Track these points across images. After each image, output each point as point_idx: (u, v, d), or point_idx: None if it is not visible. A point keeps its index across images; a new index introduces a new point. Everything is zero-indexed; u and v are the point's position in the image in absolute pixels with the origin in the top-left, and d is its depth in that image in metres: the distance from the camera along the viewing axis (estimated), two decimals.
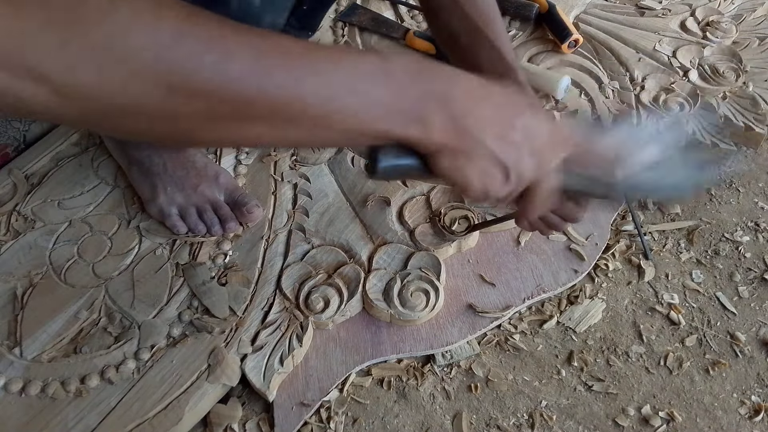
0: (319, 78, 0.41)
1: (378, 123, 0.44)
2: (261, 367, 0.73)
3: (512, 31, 1.16)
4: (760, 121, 0.98)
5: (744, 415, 0.72)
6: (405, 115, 0.44)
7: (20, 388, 0.71)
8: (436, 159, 0.48)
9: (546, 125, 0.49)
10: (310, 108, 0.42)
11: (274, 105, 0.41)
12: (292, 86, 0.40)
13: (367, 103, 0.43)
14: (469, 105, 0.46)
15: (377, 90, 0.43)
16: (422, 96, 0.44)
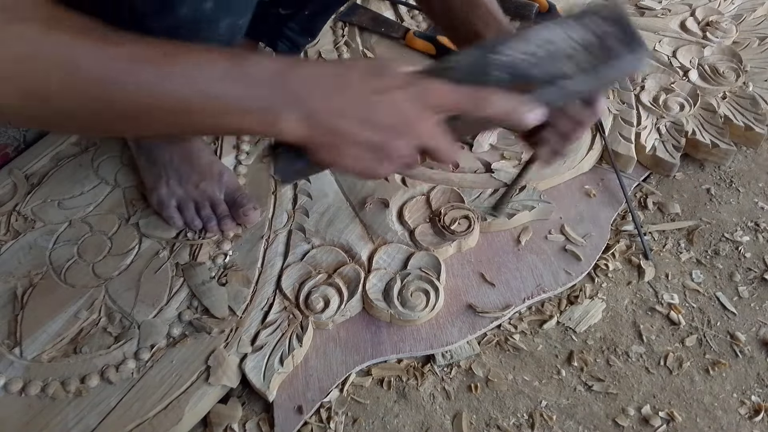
0: (175, 80, 0.45)
1: (236, 122, 0.48)
2: (261, 367, 0.73)
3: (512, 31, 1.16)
4: (760, 121, 0.98)
5: (744, 415, 0.72)
6: (260, 115, 0.47)
7: (20, 388, 0.71)
8: (311, 153, 0.51)
9: (408, 100, 0.49)
10: (169, 108, 0.46)
11: (131, 106, 0.45)
12: (148, 89, 0.45)
13: (221, 104, 0.46)
14: (324, 101, 0.48)
15: (232, 91, 0.46)
16: (277, 97, 0.47)
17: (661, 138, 0.96)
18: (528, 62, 0.53)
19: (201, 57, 0.47)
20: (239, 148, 0.95)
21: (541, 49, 0.53)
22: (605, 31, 0.53)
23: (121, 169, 0.93)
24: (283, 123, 0.48)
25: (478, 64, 0.53)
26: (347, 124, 0.49)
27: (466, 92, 0.51)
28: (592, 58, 0.53)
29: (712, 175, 0.96)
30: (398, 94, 0.49)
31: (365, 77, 0.50)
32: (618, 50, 0.52)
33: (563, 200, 0.91)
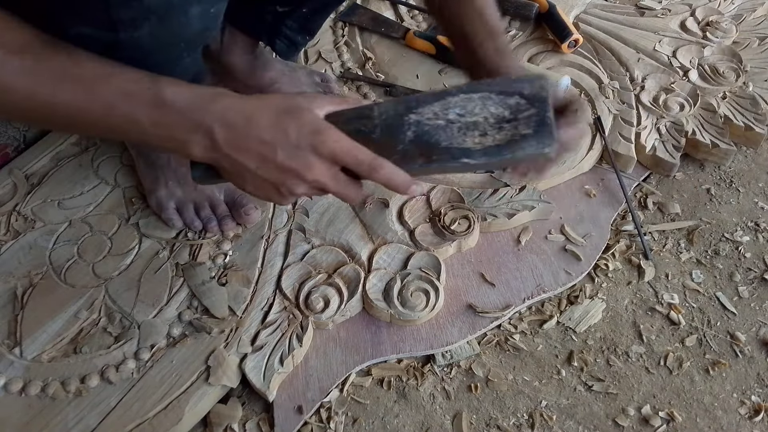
0: (96, 104, 0.51)
1: (153, 143, 0.54)
2: (261, 367, 0.73)
3: (512, 31, 1.16)
4: (760, 121, 0.98)
5: (744, 415, 0.72)
6: (173, 141, 0.53)
7: (20, 388, 0.71)
8: (220, 172, 0.57)
9: (308, 149, 0.54)
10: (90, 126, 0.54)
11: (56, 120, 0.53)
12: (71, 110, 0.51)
13: (139, 128, 0.52)
14: (230, 137, 0.53)
15: (148, 118, 0.52)
16: (189, 127, 0.53)
17: (661, 138, 0.96)
18: (439, 129, 0.56)
19: (124, 83, 0.52)
20: None
21: (456, 118, 0.56)
22: (523, 112, 0.55)
23: (121, 169, 0.93)
24: (191, 149, 0.54)
25: (395, 122, 0.57)
26: (248, 161, 0.54)
27: (364, 157, 0.55)
28: (500, 139, 0.55)
29: (712, 175, 0.96)
30: (300, 142, 0.54)
31: (273, 120, 0.54)
32: (526, 137, 0.54)
33: (563, 200, 0.91)
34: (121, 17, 0.52)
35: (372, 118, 0.57)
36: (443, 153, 0.56)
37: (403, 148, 0.56)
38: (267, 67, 0.98)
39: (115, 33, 0.54)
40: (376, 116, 0.57)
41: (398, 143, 0.56)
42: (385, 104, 0.58)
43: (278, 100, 0.55)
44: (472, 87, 0.56)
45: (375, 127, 0.57)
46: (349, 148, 0.55)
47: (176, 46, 0.60)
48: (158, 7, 0.53)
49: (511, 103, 0.55)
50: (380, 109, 0.57)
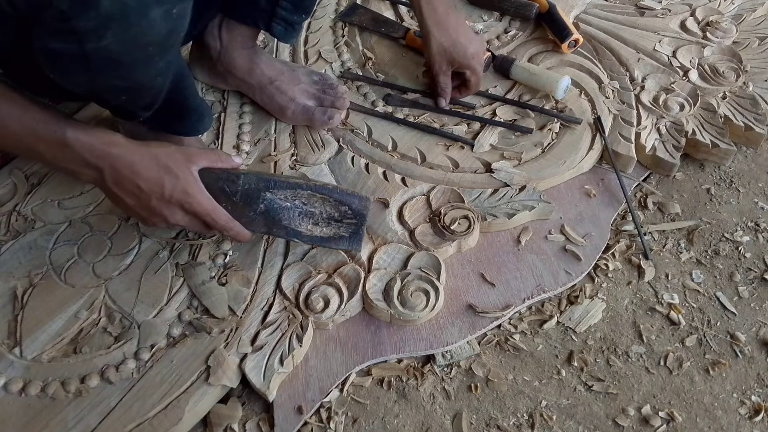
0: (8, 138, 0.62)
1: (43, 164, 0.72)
2: (261, 367, 0.73)
3: (512, 31, 1.16)
4: (760, 121, 0.98)
5: (744, 415, 0.72)
6: (67, 171, 0.66)
7: (20, 388, 0.71)
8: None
9: (175, 205, 0.69)
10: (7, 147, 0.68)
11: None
12: None
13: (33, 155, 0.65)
14: (115, 179, 0.66)
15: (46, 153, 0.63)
16: (82, 165, 0.65)
17: (661, 138, 0.96)
18: (285, 210, 0.74)
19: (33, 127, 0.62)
20: (239, 148, 0.95)
21: (300, 205, 0.74)
22: (348, 219, 0.75)
23: None
24: (82, 179, 0.67)
25: (254, 194, 0.73)
26: (126, 198, 0.68)
27: (218, 219, 0.71)
28: (325, 232, 0.76)
29: (712, 175, 0.96)
30: (171, 197, 0.68)
31: (155, 173, 0.67)
32: (343, 238, 0.77)
33: (563, 200, 0.91)
34: (82, 27, 0.53)
35: (237, 183, 0.72)
36: (281, 229, 0.75)
37: (253, 216, 0.74)
38: (267, 66, 0.98)
39: (80, 44, 0.54)
40: (240, 184, 0.72)
41: (251, 211, 0.74)
42: (250, 176, 0.73)
43: (163, 155, 0.68)
44: (319, 188, 0.75)
45: (236, 192, 0.72)
46: (208, 210, 0.70)
47: (144, 50, 0.60)
48: (115, 13, 0.53)
49: (342, 210, 0.75)
50: (245, 179, 0.73)
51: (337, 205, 0.75)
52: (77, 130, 0.63)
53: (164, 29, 0.58)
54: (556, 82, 0.99)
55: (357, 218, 0.76)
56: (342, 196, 0.75)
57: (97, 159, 0.64)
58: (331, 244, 0.77)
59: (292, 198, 0.74)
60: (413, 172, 0.92)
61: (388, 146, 0.96)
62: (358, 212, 0.75)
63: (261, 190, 0.73)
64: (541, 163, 0.93)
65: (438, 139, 0.96)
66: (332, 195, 0.75)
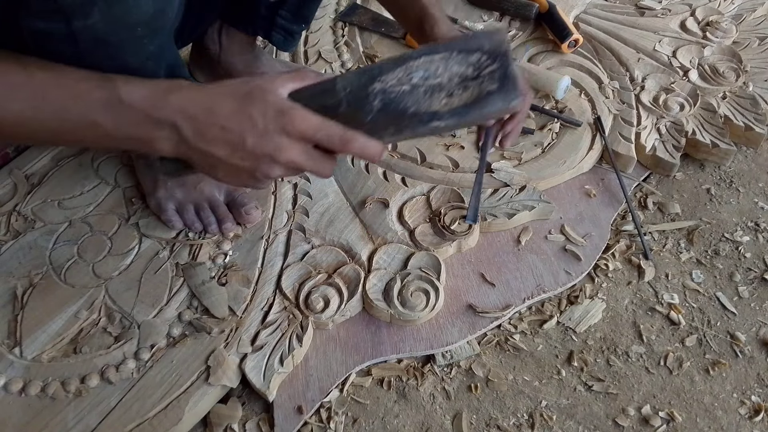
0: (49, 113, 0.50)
1: (117, 145, 0.53)
2: (261, 367, 0.73)
3: (512, 31, 1.16)
4: (760, 121, 0.98)
5: (744, 415, 0.72)
6: (137, 141, 0.53)
7: (20, 388, 0.71)
8: (192, 164, 0.56)
9: (276, 131, 0.53)
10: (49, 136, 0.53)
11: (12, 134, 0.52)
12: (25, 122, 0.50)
13: (99, 132, 0.51)
14: (194, 129, 0.52)
15: (108, 121, 0.51)
16: (150, 124, 0.52)
17: (661, 138, 0.96)
18: (405, 95, 0.55)
19: (72, 86, 0.51)
20: None
21: (420, 81, 0.54)
22: (486, 68, 0.54)
23: (121, 169, 0.93)
24: (159, 145, 0.53)
25: (360, 93, 0.55)
26: (218, 151, 0.53)
27: (334, 132, 0.54)
28: (466, 98, 0.54)
29: (712, 175, 0.96)
30: (266, 125, 0.52)
31: (236, 106, 0.52)
32: (492, 93, 0.53)
33: (563, 200, 0.91)
34: (68, 4, 0.52)
35: (336, 92, 0.55)
36: (412, 119, 0.55)
37: (371, 119, 0.55)
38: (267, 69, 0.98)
39: (67, 23, 0.53)
40: (340, 89, 0.55)
41: (366, 114, 0.55)
42: (348, 76, 0.56)
43: (238, 86, 0.54)
44: (432, 49, 0.55)
45: (340, 101, 0.55)
46: (318, 124, 0.53)
47: (133, 30, 0.58)
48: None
49: (472, 61, 0.54)
50: (343, 82, 0.56)
51: (464, 59, 0.54)
52: (129, 82, 0.52)
53: (151, 8, 0.57)
54: (556, 82, 0.99)
55: (497, 60, 0.54)
56: (465, 44, 0.55)
57: (165, 110, 0.52)
58: (485, 110, 0.54)
59: (407, 77, 0.55)
60: (413, 172, 0.92)
61: (388, 146, 0.96)
62: (495, 52, 0.54)
63: (367, 85, 0.55)
64: (541, 163, 0.93)
65: (438, 139, 0.96)
66: (453, 49, 0.55)
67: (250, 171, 0.54)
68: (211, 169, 0.55)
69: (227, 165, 0.54)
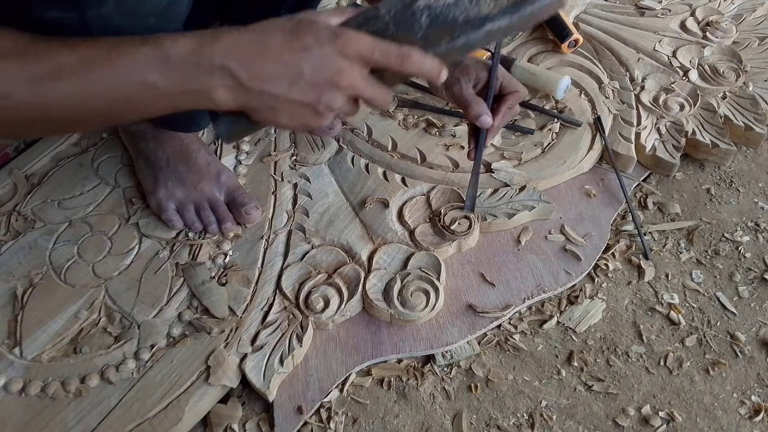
0: (99, 84, 0.48)
1: (170, 104, 0.50)
2: (261, 367, 0.73)
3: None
4: (760, 121, 0.98)
5: (744, 415, 0.72)
6: (191, 94, 0.50)
7: (20, 388, 0.71)
8: (250, 116, 0.53)
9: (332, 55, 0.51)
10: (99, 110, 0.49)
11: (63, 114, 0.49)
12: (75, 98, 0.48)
13: (150, 93, 0.49)
14: (248, 69, 0.49)
15: (157, 79, 0.49)
16: (202, 73, 0.49)
17: (661, 138, 0.96)
18: (451, 7, 0.54)
19: (119, 52, 0.49)
20: (239, 148, 0.95)
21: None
22: None
23: (121, 169, 0.93)
24: (215, 95, 0.50)
25: (405, 13, 0.54)
26: (276, 88, 0.50)
27: (391, 48, 0.52)
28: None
29: (712, 175, 0.96)
30: (322, 50, 0.50)
31: (287, 38, 0.50)
32: None
33: (563, 200, 0.91)
34: None
35: (380, 17, 0.55)
36: (464, 26, 0.54)
37: (423, 35, 0.54)
38: None
39: (81, 11, 0.53)
40: (384, 14, 0.55)
41: (416, 32, 0.54)
42: (387, 2, 0.55)
43: (283, 21, 0.52)
44: None
45: (386, 24, 0.55)
46: (374, 42, 0.52)
47: (146, 20, 0.58)
48: None
49: None
50: (386, 7, 0.55)
51: None
52: (170, 38, 0.50)
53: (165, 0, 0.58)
54: (556, 82, 0.99)
55: None
56: None
57: (214, 56, 0.49)
58: (534, 3, 0.54)
59: None
60: (413, 172, 0.92)
61: (388, 146, 0.95)
62: None
63: (410, 4, 0.55)
64: (541, 163, 0.93)
65: (438, 139, 0.96)
66: None
67: (313, 104, 0.52)
68: (272, 112, 0.52)
69: (288, 103, 0.51)
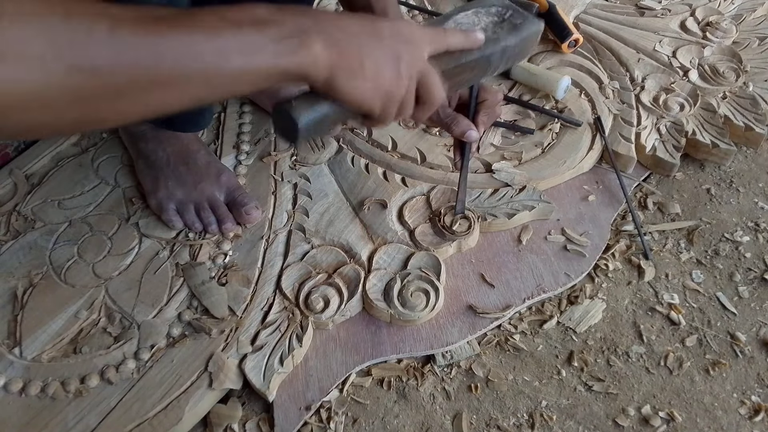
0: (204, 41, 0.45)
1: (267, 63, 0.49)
2: (261, 367, 0.73)
3: None
4: (760, 121, 0.98)
5: (744, 415, 0.72)
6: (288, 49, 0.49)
7: (20, 388, 0.71)
8: (334, 83, 0.53)
9: (407, 26, 0.57)
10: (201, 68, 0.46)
11: (170, 70, 0.45)
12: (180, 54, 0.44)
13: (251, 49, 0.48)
14: (339, 27, 0.52)
15: (257, 37, 0.48)
16: (297, 31, 0.49)
17: (661, 138, 0.96)
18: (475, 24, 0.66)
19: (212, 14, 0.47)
20: (239, 148, 0.95)
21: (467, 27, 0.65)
22: (504, 14, 0.66)
23: (121, 169, 0.93)
24: (312, 50, 0.50)
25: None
26: (364, 40, 0.53)
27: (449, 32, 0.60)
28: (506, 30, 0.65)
29: (712, 175, 0.96)
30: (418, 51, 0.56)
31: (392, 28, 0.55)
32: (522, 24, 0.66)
33: (563, 200, 0.91)
34: None
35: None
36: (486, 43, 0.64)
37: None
38: None
39: None
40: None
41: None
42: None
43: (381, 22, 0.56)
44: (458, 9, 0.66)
45: None
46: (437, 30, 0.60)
47: None
48: None
49: (493, 12, 0.67)
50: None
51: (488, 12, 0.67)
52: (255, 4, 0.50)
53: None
54: (556, 82, 0.99)
55: (509, 9, 0.67)
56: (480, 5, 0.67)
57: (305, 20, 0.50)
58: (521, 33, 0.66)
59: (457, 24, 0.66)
60: (413, 172, 0.92)
61: (388, 146, 0.95)
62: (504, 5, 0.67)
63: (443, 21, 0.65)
64: (541, 163, 0.93)
65: (438, 139, 0.96)
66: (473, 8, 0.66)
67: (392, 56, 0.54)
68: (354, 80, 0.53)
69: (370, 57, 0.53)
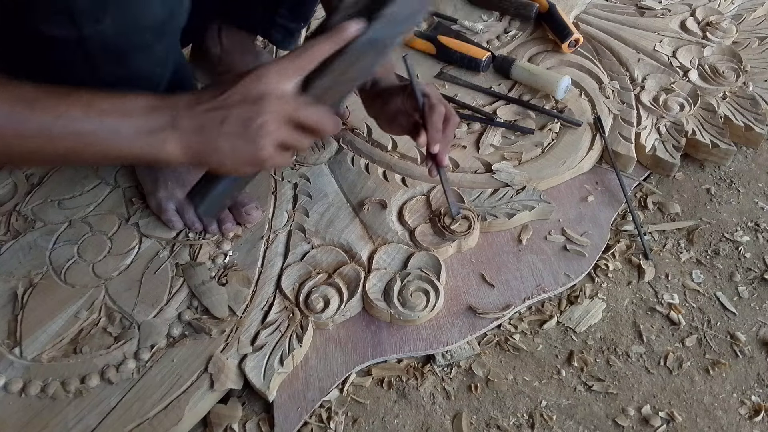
0: (68, 124, 0.51)
1: (124, 155, 0.54)
2: (261, 367, 0.73)
3: (512, 31, 1.16)
4: (760, 121, 0.98)
5: (744, 415, 0.72)
6: (147, 145, 0.53)
7: (20, 388, 0.71)
8: (204, 166, 0.59)
9: (257, 79, 0.55)
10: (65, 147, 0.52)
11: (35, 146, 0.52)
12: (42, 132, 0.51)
13: (110, 143, 0.53)
14: (195, 126, 0.54)
15: (123, 129, 0.52)
16: (155, 131, 0.53)
17: (661, 138, 0.96)
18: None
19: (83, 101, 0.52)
20: None
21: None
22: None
23: (121, 169, 0.93)
24: (166, 146, 0.54)
25: None
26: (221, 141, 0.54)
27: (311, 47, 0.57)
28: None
29: (712, 175, 0.96)
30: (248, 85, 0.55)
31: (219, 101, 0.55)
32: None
33: (563, 200, 0.91)
34: (78, 8, 0.52)
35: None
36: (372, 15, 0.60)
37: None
38: None
39: (79, 29, 0.53)
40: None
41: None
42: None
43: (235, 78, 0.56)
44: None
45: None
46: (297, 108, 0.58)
47: (142, 35, 0.59)
48: None
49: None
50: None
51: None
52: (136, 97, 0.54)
53: (162, 13, 0.58)
54: (557, 82, 0.99)
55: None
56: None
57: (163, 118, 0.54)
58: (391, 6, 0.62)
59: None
60: (413, 172, 0.92)
61: (388, 146, 0.95)
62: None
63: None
64: (541, 163, 0.93)
65: None
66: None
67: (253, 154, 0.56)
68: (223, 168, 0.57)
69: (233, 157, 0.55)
